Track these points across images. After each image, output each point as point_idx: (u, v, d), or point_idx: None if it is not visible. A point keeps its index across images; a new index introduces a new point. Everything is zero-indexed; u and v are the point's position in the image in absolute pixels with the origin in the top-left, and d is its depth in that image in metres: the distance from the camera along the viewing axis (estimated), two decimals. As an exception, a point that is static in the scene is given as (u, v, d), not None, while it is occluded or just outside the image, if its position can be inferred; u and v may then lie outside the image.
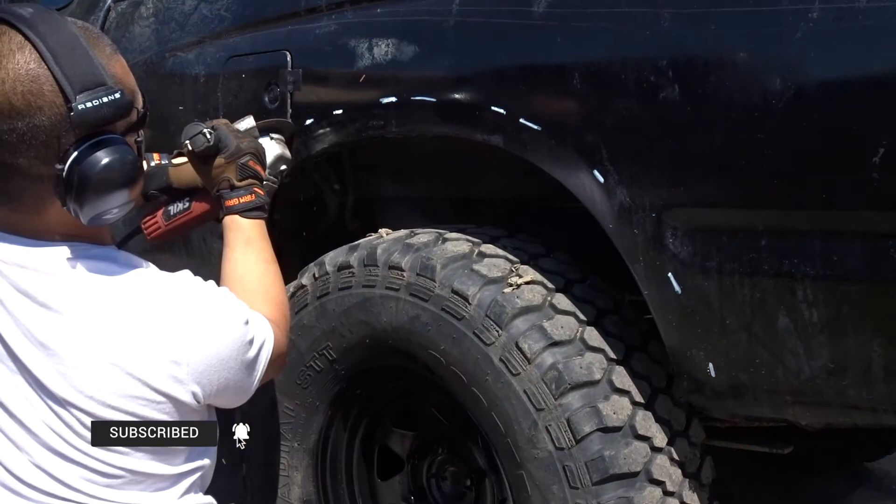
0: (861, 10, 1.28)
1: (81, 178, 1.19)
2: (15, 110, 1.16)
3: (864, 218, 1.33)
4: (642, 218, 1.49)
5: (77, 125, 1.18)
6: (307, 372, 1.97)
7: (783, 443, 1.84)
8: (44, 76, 1.17)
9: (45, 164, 1.20)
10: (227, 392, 1.35)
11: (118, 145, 1.22)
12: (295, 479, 2.07)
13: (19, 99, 1.16)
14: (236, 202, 1.60)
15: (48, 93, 1.17)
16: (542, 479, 1.63)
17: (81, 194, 1.20)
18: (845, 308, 1.37)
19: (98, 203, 1.22)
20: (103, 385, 1.23)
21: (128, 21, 2.42)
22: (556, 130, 1.59)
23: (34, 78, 1.17)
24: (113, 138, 1.22)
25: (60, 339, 1.23)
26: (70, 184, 1.19)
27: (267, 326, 1.43)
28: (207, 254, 2.18)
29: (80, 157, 1.19)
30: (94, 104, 1.19)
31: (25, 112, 1.17)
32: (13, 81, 1.16)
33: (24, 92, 1.16)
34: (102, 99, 1.19)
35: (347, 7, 1.91)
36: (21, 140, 1.18)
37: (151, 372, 1.24)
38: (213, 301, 1.33)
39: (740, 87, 1.38)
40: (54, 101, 1.18)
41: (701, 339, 1.50)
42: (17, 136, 1.17)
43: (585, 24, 1.55)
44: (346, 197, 2.21)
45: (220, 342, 1.30)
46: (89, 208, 1.22)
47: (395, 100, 1.79)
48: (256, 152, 1.65)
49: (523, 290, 1.70)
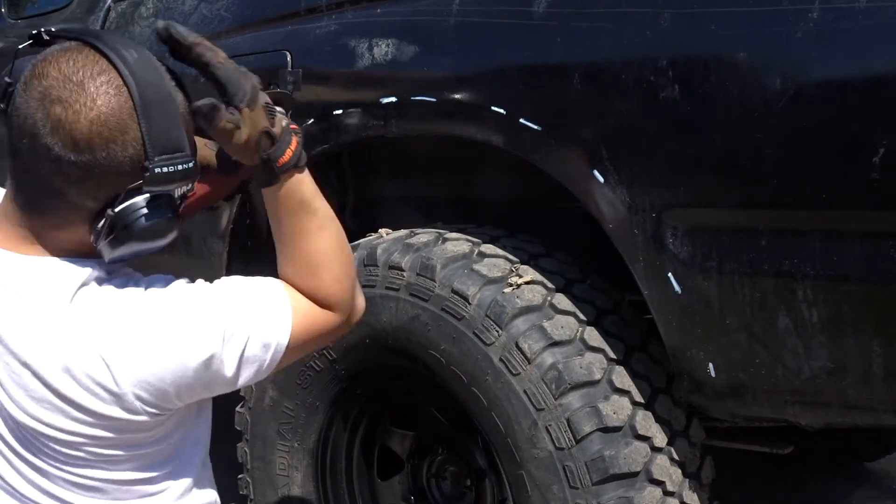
0: (861, 10, 1.28)
1: (126, 227, 1.20)
2: (91, 149, 1.16)
3: (864, 218, 1.33)
4: (642, 218, 1.49)
5: (147, 184, 1.19)
6: (307, 372, 1.97)
7: (783, 443, 1.84)
8: (132, 129, 1.17)
9: (94, 200, 1.20)
10: (197, 397, 1.29)
11: (168, 207, 1.22)
12: (295, 479, 2.07)
13: (101, 142, 1.16)
14: (290, 154, 1.28)
15: (130, 144, 1.17)
16: (542, 479, 1.63)
17: (120, 240, 1.21)
18: (845, 308, 1.37)
19: (128, 250, 1.23)
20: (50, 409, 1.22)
21: (128, 21, 2.42)
22: (556, 130, 1.59)
23: (122, 128, 1.16)
24: (167, 198, 1.22)
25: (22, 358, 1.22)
26: (113, 228, 1.20)
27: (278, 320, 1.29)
28: (207, 254, 2.18)
29: (135, 209, 1.19)
30: (169, 170, 1.19)
31: (100, 152, 1.16)
32: (101, 125, 1.16)
33: (107, 138, 1.16)
34: (178, 167, 1.20)
35: (347, 7, 1.91)
36: (82, 176, 1.17)
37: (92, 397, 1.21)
38: (169, 322, 1.24)
39: (740, 87, 1.38)
40: (133, 155, 1.17)
41: (701, 339, 1.50)
42: (80, 171, 1.17)
43: (585, 24, 1.55)
44: (346, 197, 2.21)
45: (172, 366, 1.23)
46: (118, 253, 1.23)
47: (395, 100, 1.79)
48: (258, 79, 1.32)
49: (523, 290, 1.70)
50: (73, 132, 1.15)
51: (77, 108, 1.15)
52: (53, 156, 1.16)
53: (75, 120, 1.15)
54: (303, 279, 1.32)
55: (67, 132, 1.15)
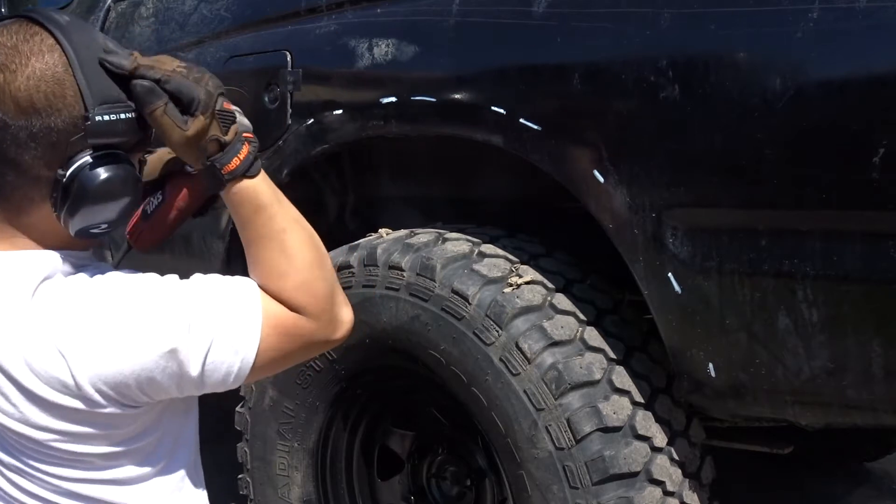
0: (861, 10, 1.28)
1: (81, 186, 1.20)
2: (34, 108, 1.19)
3: (864, 218, 1.33)
4: (642, 218, 1.49)
5: (90, 135, 1.20)
6: (307, 372, 1.97)
7: (783, 443, 1.84)
8: (69, 82, 1.20)
9: (48, 166, 1.21)
10: (168, 395, 1.26)
11: (122, 162, 1.24)
12: (295, 479, 2.07)
13: (41, 98, 1.19)
14: (237, 162, 1.29)
15: (70, 98, 1.20)
16: (542, 479, 1.63)
17: (77, 202, 1.21)
18: (845, 308, 1.37)
19: (90, 214, 1.23)
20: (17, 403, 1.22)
21: (128, 21, 2.42)
22: (556, 130, 1.59)
23: (59, 81, 1.19)
24: (119, 154, 1.24)
25: None
26: (68, 190, 1.20)
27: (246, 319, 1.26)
28: (207, 254, 2.18)
29: (84, 165, 1.21)
30: (111, 118, 1.21)
31: (43, 111, 1.19)
32: (38, 80, 1.19)
33: (46, 92, 1.19)
34: (120, 115, 1.21)
35: (347, 7, 1.91)
36: (31, 138, 1.20)
37: (54, 391, 1.21)
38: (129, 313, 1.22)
39: (740, 87, 1.38)
40: (74, 106, 1.20)
41: (701, 339, 1.50)
42: (28, 133, 1.19)
43: (585, 24, 1.55)
44: (346, 197, 2.21)
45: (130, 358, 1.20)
46: (80, 218, 1.22)
47: (395, 100, 1.79)
48: (221, 88, 1.32)
49: (523, 290, 1.70)
50: (12, 93, 1.18)
51: (13, 68, 1.18)
52: (0, 122, 1.18)
53: (13, 80, 1.18)
54: (267, 281, 1.31)
55: (8, 94, 1.18)
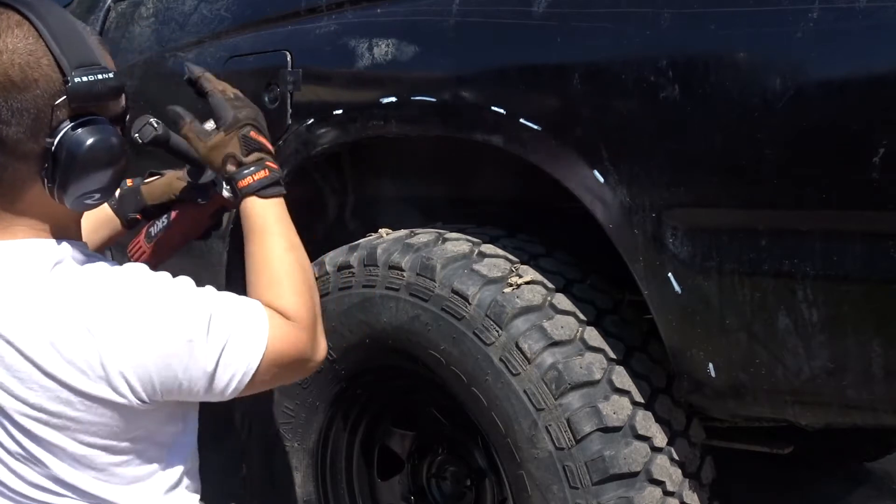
0: (861, 10, 1.28)
1: (70, 153, 1.21)
2: (11, 83, 1.20)
3: (864, 218, 1.33)
4: (642, 218, 1.49)
5: (72, 98, 1.21)
6: (307, 372, 1.97)
7: (783, 443, 1.84)
8: (41, 51, 1.21)
9: (34, 139, 1.21)
10: (178, 393, 1.29)
11: (107, 126, 1.25)
12: (295, 479, 2.07)
13: (16, 72, 1.19)
14: (250, 181, 1.43)
15: (45, 66, 1.21)
16: (542, 479, 1.63)
17: (68, 170, 1.22)
18: (845, 308, 1.37)
19: (83, 182, 1.23)
20: (35, 389, 1.22)
21: (128, 21, 2.42)
22: (556, 130, 1.59)
23: (31, 52, 1.20)
24: (102, 119, 1.25)
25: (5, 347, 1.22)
26: (58, 159, 1.20)
27: (256, 326, 1.32)
28: (207, 254, 2.18)
29: (70, 132, 1.21)
30: (90, 79, 1.22)
31: (21, 85, 1.20)
32: (11, 54, 1.20)
33: (21, 65, 1.20)
34: (98, 76, 1.23)
35: (347, 7, 1.91)
36: (13, 113, 1.20)
37: (79, 374, 1.22)
38: (156, 298, 1.26)
39: (740, 87, 1.38)
40: (51, 74, 1.21)
41: (701, 339, 1.50)
42: (9, 109, 1.20)
43: (585, 24, 1.55)
44: (346, 197, 2.21)
45: (156, 343, 1.24)
46: (73, 188, 1.23)
47: (395, 100, 1.79)
48: (256, 122, 1.50)
49: (523, 290, 1.70)
50: None
51: None
52: None
53: None
54: (263, 290, 1.39)
55: None
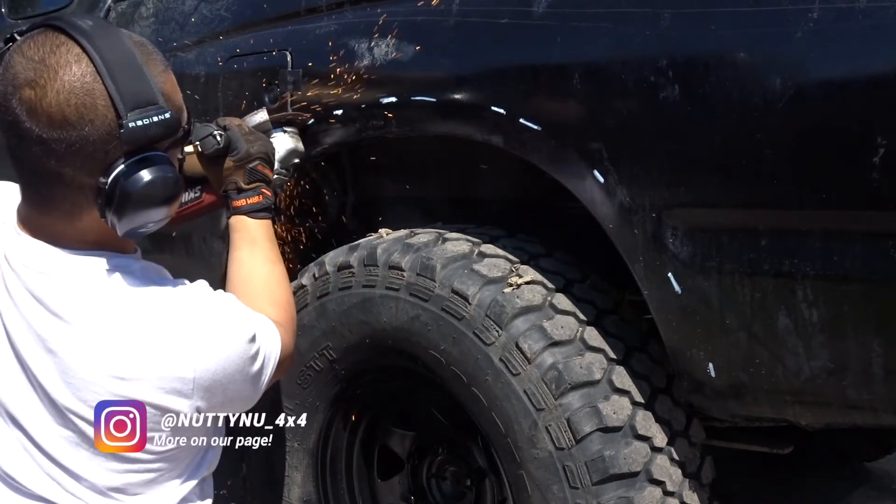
0: (861, 10, 1.28)
1: (123, 192, 1.21)
2: (67, 121, 1.18)
3: (864, 218, 1.33)
4: (642, 218, 1.49)
5: (126, 141, 1.20)
6: (307, 372, 1.97)
7: (783, 443, 1.83)
8: (98, 91, 1.19)
9: (89, 175, 1.22)
10: (231, 405, 1.36)
11: (162, 164, 1.25)
12: (295, 479, 2.07)
13: (72, 111, 1.18)
14: (243, 203, 1.61)
15: (101, 107, 1.20)
16: (542, 479, 1.63)
17: (122, 208, 1.22)
18: (845, 308, 1.37)
19: (136, 217, 1.25)
20: (106, 397, 1.24)
21: (128, 21, 2.42)
22: (556, 130, 1.59)
23: (88, 91, 1.19)
24: (157, 156, 1.25)
25: (68, 349, 1.24)
26: (112, 197, 1.22)
27: (274, 334, 1.42)
28: (207, 254, 2.18)
29: (124, 172, 1.22)
30: (144, 123, 1.21)
31: (77, 124, 1.19)
32: (68, 93, 1.18)
33: (77, 104, 1.19)
34: (153, 118, 1.22)
35: (347, 7, 1.91)
36: (69, 150, 1.20)
37: (154, 387, 1.24)
38: (222, 316, 1.33)
39: (740, 88, 1.38)
40: (106, 115, 1.20)
41: (701, 339, 1.50)
42: (65, 146, 1.19)
43: (585, 24, 1.55)
44: (346, 197, 2.21)
45: (227, 359, 1.30)
46: (127, 221, 1.24)
47: (395, 100, 1.79)
48: (266, 156, 1.66)
49: (523, 290, 1.70)
50: (45, 108, 1.18)
51: (42, 83, 1.18)
52: (37, 137, 1.19)
53: (43, 95, 1.18)
54: (255, 297, 1.48)
55: (42, 109, 1.18)
